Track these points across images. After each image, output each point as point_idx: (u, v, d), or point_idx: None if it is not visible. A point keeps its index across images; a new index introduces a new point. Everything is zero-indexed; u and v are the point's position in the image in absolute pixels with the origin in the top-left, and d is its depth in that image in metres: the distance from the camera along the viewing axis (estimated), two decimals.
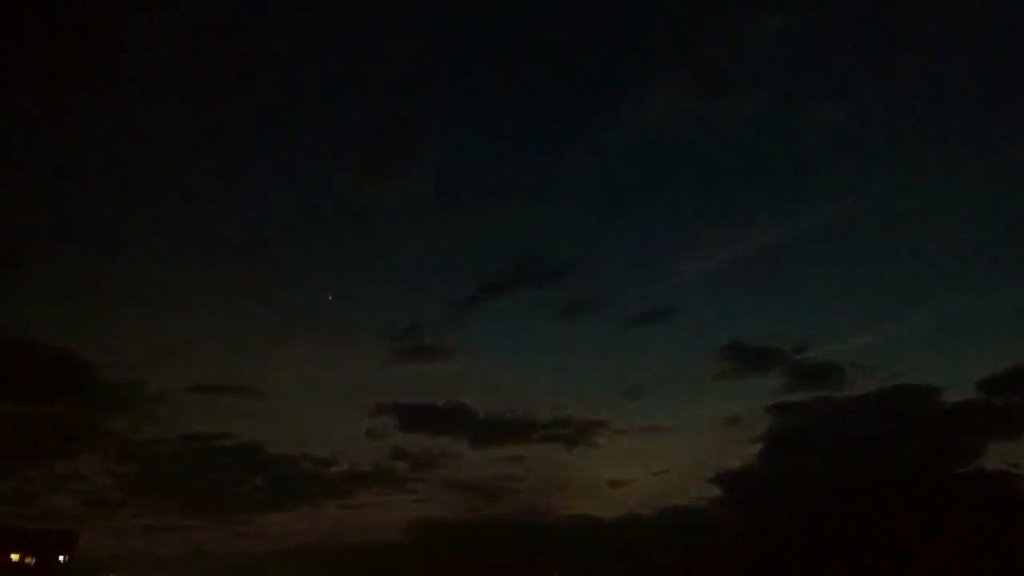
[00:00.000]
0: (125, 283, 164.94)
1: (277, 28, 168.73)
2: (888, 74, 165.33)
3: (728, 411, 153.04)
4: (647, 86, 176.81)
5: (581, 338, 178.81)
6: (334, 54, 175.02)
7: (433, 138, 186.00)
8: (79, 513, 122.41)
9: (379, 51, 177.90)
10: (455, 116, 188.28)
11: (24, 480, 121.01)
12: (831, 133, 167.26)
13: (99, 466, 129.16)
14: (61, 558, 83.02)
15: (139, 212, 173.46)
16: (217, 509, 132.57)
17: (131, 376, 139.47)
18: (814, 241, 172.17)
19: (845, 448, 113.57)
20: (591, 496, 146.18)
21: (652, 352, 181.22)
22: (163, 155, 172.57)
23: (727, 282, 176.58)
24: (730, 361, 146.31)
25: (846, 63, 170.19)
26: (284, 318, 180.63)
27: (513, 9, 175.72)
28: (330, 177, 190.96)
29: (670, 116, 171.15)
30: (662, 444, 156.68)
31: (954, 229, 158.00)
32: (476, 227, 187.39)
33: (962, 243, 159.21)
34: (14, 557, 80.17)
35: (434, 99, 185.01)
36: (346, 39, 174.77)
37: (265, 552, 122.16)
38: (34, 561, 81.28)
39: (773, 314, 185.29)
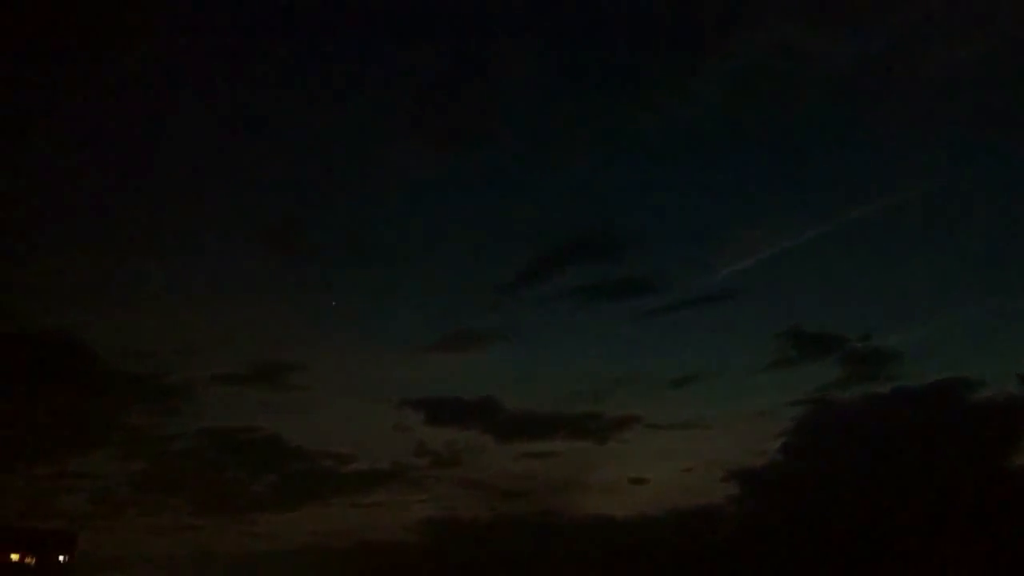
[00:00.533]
0: (148, 275, 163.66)
1: None
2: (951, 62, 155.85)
3: (770, 403, 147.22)
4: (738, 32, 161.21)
5: (631, 321, 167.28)
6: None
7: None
8: (86, 512, 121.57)
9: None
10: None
11: (32, 477, 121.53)
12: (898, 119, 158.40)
13: (110, 463, 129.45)
14: (61, 558, 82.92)
15: (163, 200, 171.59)
16: (226, 508, 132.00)
17: (152, 367, 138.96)
18: (883, 227, 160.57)
19: (888, 442, 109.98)
20: (610, 494, 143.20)
21: (706, 338, 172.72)
22: (189, 137, 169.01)
23: (793, 266, 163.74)
24: (786, 348, 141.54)
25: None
26: (317, 307, 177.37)
27: None
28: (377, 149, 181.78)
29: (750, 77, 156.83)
30: (696, 440, 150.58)
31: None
32: (531, 198, 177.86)
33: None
34: (14, 557, 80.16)
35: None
36: None
37: (267, 552, 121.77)
38: (34, 561, 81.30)
39: (836, 301, 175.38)
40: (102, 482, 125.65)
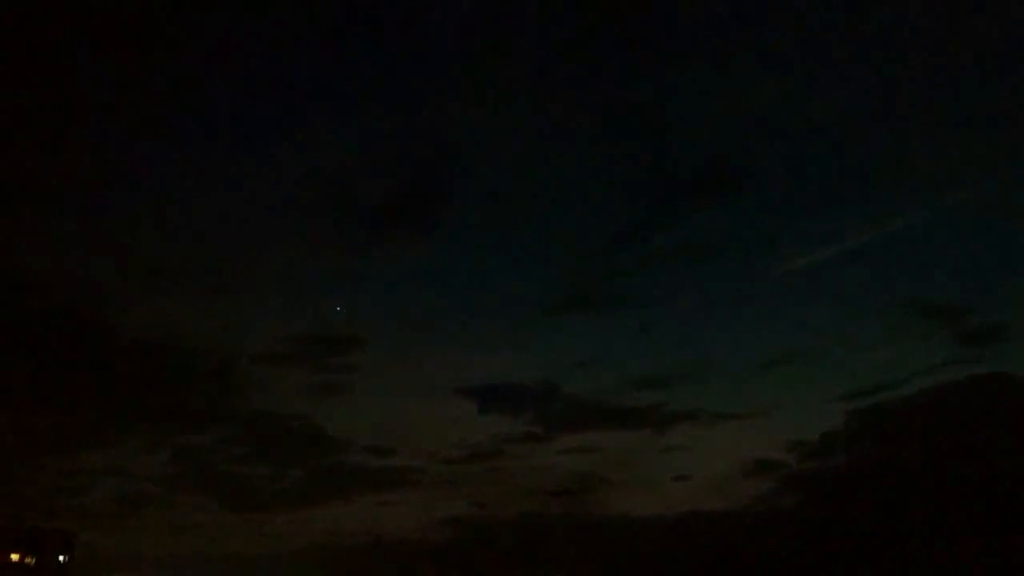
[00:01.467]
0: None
1: None
2: None
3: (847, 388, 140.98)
4: None
5: (736, 288, 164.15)
6: None
7: None
8: (110, 511, 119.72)
9: None
10: None
11: (53, 473, 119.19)
12: None
13: (144, 458, 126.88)
14: (61, 558, 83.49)
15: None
16: (247, 506, 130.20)
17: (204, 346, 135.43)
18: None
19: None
20: (652, 492, 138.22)
21: (818, 308, 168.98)
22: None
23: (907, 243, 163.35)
24: (901, 321, 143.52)
25: None
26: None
27: None
28: None
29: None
30: (753, 432, 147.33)
31: None
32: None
33: None
34: (14, 557, 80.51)
35: None
36: None
37: (268, 552, 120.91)
38: (34, 561, 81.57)
39: (958, 275, 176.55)
40: (122, 478, 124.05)
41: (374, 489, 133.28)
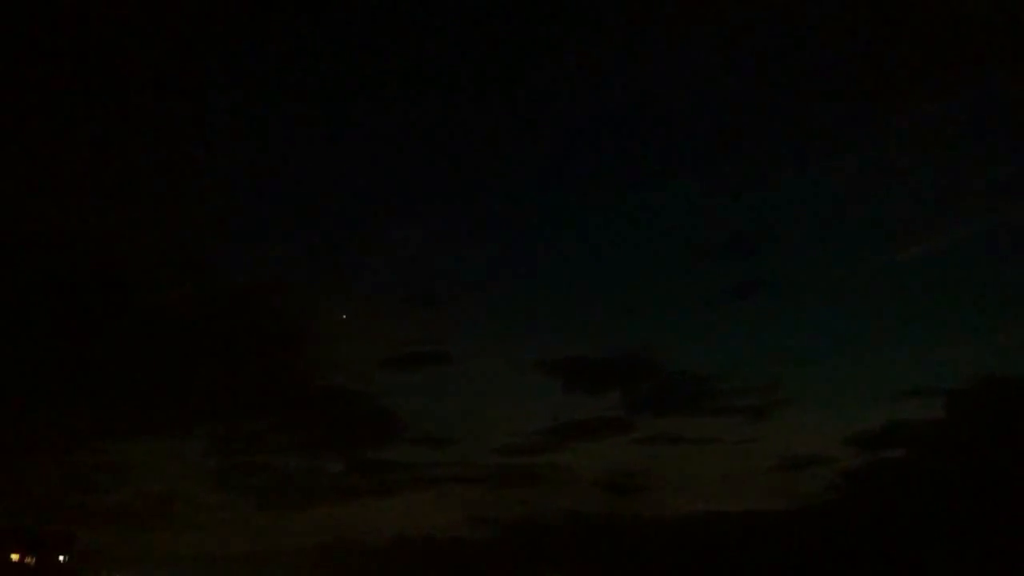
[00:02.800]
0: None
1: None
2: None
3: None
4: None
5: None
6: None
7: None
8: (136, 509, 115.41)
9: None
10: None
11: (73, 465, 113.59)
12: None
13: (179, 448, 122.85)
14: (61, 558, 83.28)
15: None
16: (276, 503, 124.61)
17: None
18: None
19: None
20: (714, 487, 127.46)
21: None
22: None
23: None
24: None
25: None
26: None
27: None
28: None
29: None
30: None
31: None
32: None
33: None
34: (14, 557, 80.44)
35: None
36: None
37: (267, 552, 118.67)
38: (34, 561, 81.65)
39: None
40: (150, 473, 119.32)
41: (414, 485, 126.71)
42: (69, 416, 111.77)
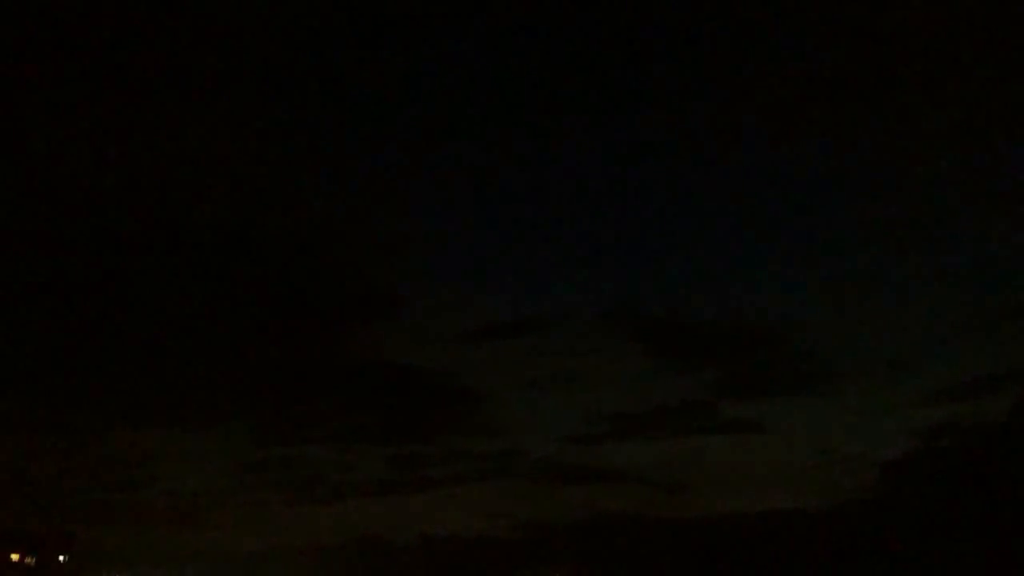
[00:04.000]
0: None
1: None
2: None
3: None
4: None
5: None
6: None
7: None
8: (161, 506, 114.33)
9: None
10: None
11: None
12: None
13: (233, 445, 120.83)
14: (61, 558, 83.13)
15: None
16: (306, 498, 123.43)
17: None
18: None
19: None
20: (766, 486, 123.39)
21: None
22: None
23: None
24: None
25: None
26: None
27: None
28: None
29: None
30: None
31: None
32: None
33: None
34: (14, 557, 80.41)
35: None
36: None
37: (268, 551, 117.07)
38: (34, 561, 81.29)
39: None
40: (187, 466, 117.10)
41: (451, 480, 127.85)
42: (97, 409, 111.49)
